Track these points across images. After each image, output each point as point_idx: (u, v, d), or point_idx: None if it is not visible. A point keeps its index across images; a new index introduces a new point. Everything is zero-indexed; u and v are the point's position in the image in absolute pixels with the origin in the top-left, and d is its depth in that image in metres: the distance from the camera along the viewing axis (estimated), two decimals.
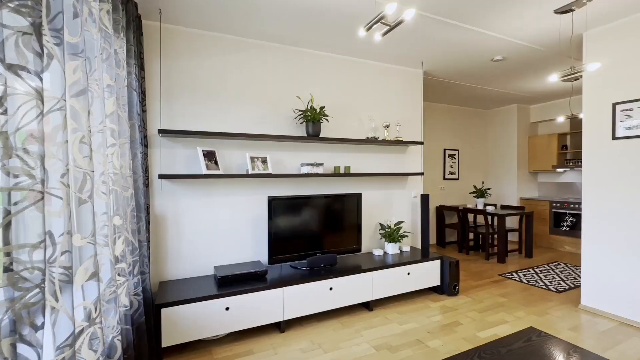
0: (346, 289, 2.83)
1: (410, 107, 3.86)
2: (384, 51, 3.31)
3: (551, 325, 2.69)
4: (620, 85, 2.74)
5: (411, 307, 3.05)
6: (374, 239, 3.63)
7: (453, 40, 3.05)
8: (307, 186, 3.24)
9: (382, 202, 3.67)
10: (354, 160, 3.49)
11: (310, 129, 3.05)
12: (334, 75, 3.37)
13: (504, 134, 6.13)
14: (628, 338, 2.47)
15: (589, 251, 2.97)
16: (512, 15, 2.61)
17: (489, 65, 3.79)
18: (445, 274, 3.33)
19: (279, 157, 3.09)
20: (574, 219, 5.16)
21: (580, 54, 3.44)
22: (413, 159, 3.89)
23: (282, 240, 2.86)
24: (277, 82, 3.08)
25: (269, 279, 2.63)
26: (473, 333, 2.56)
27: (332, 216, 3.12)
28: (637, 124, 2.65)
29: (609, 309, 2.82)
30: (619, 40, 2.73)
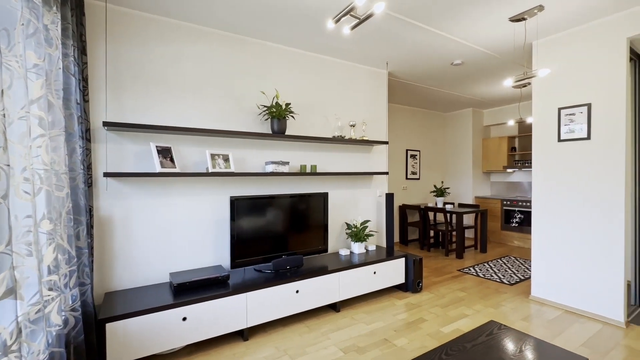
0: (313, 291, 2.75)
1: (375, 107, 3.89)
2: (351, 50, 3.29)
3: (506, 316, 2.83)
4: (565, 92, 2.97)
5: (377, 306, 3.05)
6: (340, 239, 3.59)
7: (417, 41, 3.11)
8: (272, 185, 3.11)
9: (348, 201, 3.65)
10: (320, 159, 3.43)
11: (276, 126, 2.93)
12: (301, 71, 3.28)
13: (460, 136, 6.46)
14: (572, 324, 2.68)
15: (538, 245, 3.18)
16: (472, 20, 2.71)
17: (449, 69, 3.94)
18: (410, 271, 3.39)
19: (242, 155, 2.93)
20: (522, 215, 5.57)
21: (530, 62, 3.70)
22: (378, 159, 3.92)
23: (245, 243, 2.71)
24: (241, 76, 2.92)
25: (231, 284, 2.47)
26: (437, 329, 2.61)
27: (298, 216, 3.03)
28: (579, 127, 2.89)
29: (555, 299, 3.05)
30: (564, 50, 2.96)
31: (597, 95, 2.77)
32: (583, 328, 2.61)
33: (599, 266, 2.76)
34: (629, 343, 2.39)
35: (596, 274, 2.78)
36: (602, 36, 2.72)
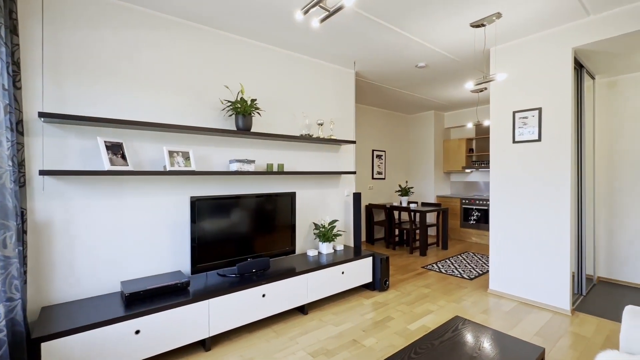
0: (280, 294, 2.66)
1: (343, 107, 3.88)
2: (319, 47, 3.24)
3: (467, 310, 2.95)
4: (519, 96, 3.16)
5: (346, 306, 3.03)
6: (307, 239, 3.52)
7: (384, 42, 3.14)
8: (237, 185, 2.96)
9: (316, 201, 3.59)
10: (287, 158, 3.34)
11: (241, 122, 2.79)
12: (267, 67, 3.17)
13: (423, 137, 6.69)
14: (526, 315, 2.84)
15: (495, 241, 3.36)
16: (437, 23, 2.78)
17: (414, 72, 4.04)
18: (377, 270, 3.41)
19: (204, 153, 2.76)
20: (479, 213, 5.89)
21: (488, 68, 3.90)
22: (346, 158, 3.91)
23: (207, 246, 2.54)
24: (203, 69, 2.74)
25: (192, 291, 2.30)
26: (404, 326, 2.64)
27: (265, 217, 2.91)
28: (531, 130, 3.09)
29: (511, 291, 3.23)
30: (518, 57, 3.15)
31: (546, 100, 2.98)
32: (536, 318, 2.79)
33: (549, 259, 2.97)
34: (575, 329, 2.59)
35: (546, 266, 2.99)
36: (551, 45, 2.93)
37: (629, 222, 3.62)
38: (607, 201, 3.77)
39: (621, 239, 3.67)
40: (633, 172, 3.60)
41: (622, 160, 3.68)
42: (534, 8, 2.56)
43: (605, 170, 3.79)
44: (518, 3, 2.48)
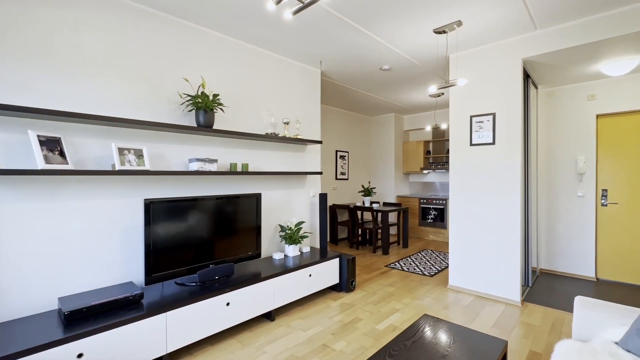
0: (246, 301, 2.51)
1: (308, 106, 3.81)
2: (286, 44, 3.14)
3: (431, 307, 3.05)
4: (476, 102, 3.35)
5: (313, 310, 2.96)
6: (273, 242, 3.40)
7: (351, 42, 3.13)
8: (197, 186, 2.75)
9: (281, 202, 3.48)
10: (252, 157, 3.18)
11: (202, 118, 2.59)
12: (231, 61, 2.99)
13: (384, 139, 6.88)
14: (483, 308, 3.01)
15: (454, 238, 3.52)
16: (403, 27, 2.83)
17: (378, 74, 4.11)
18: (344, 271, 3.40)
19: (160, 151, 2.51)
20: (436, 212, 6.20)
21: (447, 74, 4.10)
22: (312, 158, 3.85)
23: (164, 253, 2.31)
24: (159, 58, 2.49)
25: (146, 304, 2.07)
26: (372, 327, 2.64)
27: (228, 220, 2.74)
28: (487, 134, 3.29)
29: (469, 286, 3.41)
30: (476, 64, 3.33)
31: (500, 106, 3.19)
32: (491, 310, 2.96)
33: (501, 254, 3.18)
34: (525, 319, 2.79)
35: (499, 261, 3.20)
36: (504, 55, 3.14)
37: (563, 217, 4.02)
38: (546, 199, 4.16)
39: (558, 233, 4.07)
40: (566, 173, 4.01)
41: (558, 163, 4.08)
42: (491, 18, 2.71)
43: (545, 172, 4.18)
44: (477, 13, 2.62)
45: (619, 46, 2.81)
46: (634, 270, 3.64)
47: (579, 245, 3.92)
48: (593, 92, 3.81)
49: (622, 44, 2.75)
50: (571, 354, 1.42)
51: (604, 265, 3.82)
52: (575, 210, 3.96)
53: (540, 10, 2.59)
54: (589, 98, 3.85)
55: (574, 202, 3.96)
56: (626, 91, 3.61)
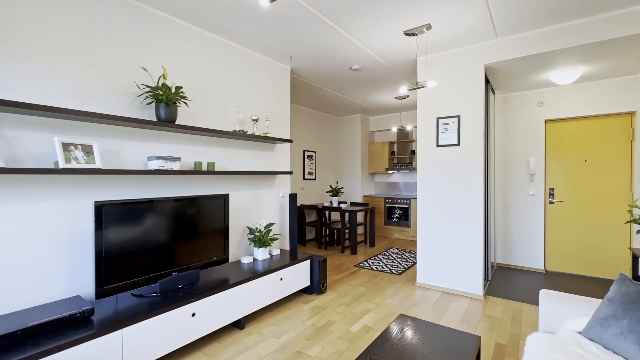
0: (213, 310, 2.33)
1: (278, 103, 3.69)
2: (256, 38, 2.99)
3: (402, 305, 3.08)
4: (442, 104, 3.46)
5: (285, 315, 2.85)
6: (241, 245, 3.23)
7: (322, 39, 3.07)
8: (158, 186, 2.50)
9: (250, 203, 3.32)
10: (218, 156, 2.99)
11: (163, 112, 2.36)
12: (197, 52, 2.78)
13: (350, 139, 6.93)
14: (450, 303, 3.12)
15: (422, 237, 3.62)
16: (374, 27, 2.83)
17: (347, 74, 4.10)
18: (315, 273, 3.33)
19: (114, 147, 2.24)
20: (401, 211, 6.37)
21: (414, 77, 4.20)
22: (281, 158, 3.73)
23: (118, 261, 2.06)
24: (114, 43, 2.22)
25: (98, 321, 1.82)
26: (346, 329, 2.60)
27: (193, 223, 2.53)
28: (452, 135, 3.41)
29: (436, 282, 3.52)
30: (443, 68, 3.45)
31: (464, 109, 3.33)
32: (458, 305, 3.08)
33: (466, 251, 3.32)
34: (488, 312, 2.93)
35: (463, 257, 3.33)
36: (469, 60, 3.28)
37: (517, 214, 4.33)
38: (502, 197, 4.45)
39: (512, 229, 4.37)
40: (519, 173, 4.32)
41: (512, 164, 4.38)
42: (458, 24, 2.81)
43: (501, 172, 4.46)
44: (446, 17, 2.69)
45: (567, 57, 3.06)
46: (576, 262, 4.02)
47: (530, 240, 4.24)
48: (542, 99, 4.15)
49: (569, 55, 3.00)
50: (543, 347, 1.48)
51: (552, 258, 4.17)
52: (526, 208, 4.27)
53: (502, 19, 2.74)
54: (538, 104, 4.18)
55: (526, 200, 4.28)
56: (571, 99, 3.97)
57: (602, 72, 3.52)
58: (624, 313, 1.40)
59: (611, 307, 1.47)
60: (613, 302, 1.48)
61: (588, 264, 3.95)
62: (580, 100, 3.90)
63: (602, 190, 3.86)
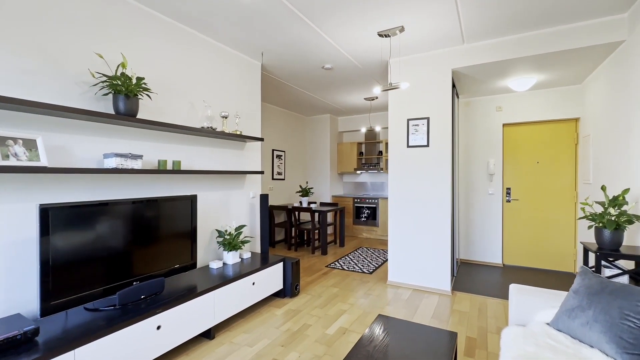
0: (181, 321, 2.15)
1: (248, 100, 3.54)
2: (225, 29, 2.83)
3: (375, 304, 3.10)
4: (412, 106, 3.55)
5: (258, 321, 2.73)
6: (210, 249, 3.04)
7: (295, 35, 2.99)
8: (116, 187, 2.26)
9: (219, 204, 3.14)
10: (185, 154, 2.78)
11: (122, 105, 2.13)
12: (161, 42, 2.55)
13: (319, 139, 6.91)
14: (421, 300, 3.20)
15: (393, 236, 3.68)
16: (348, 26, 2.81)
17: (319, 73, 4.06)
18: (288, 275, 3.23)
19: (64, 142, 1.98)
20: (369, 211, 6.47)
21: (386, 79, 4.26)
22: (252, 157, 3.59)
23: (68, 272, 1.81)
24: (63, 25, 1.96)
25: (44, 342, 1.58)
26: (322, 332, 2.54)
27: (157, 227, 2.32)
28: (422, 137, 3.50)
29: (406, 280, 3.59)
30: (414, 70, 3.53)
31: (433, 111, 3.43)
32: (428, 302, 3.16)
33: (434, 248, 3.43)
34: (456, 307, 3.05)
35: (432, 255, 3.44)
36: (438, 64, 3.39)
37: (478, 213, 4.58)
38: (464, 196, 4.68)
39: (473, 226, 4.62)
40: (480, 173, 4.58)
41: (473, 165, 4.63)
42: (430, 28, 2.89)
43: (464, 172, 4.70)
44: (418, 21, 2.75)
45: (523, 65, 3.28)
46: (530, 256, 4.34)
47: (490, 236, 4.50)
48: (501, 104, 4.43)
49: (525, 63, 3.22)
50: (518, 340, 1.54)
51: (509, 252, 4.47)
52: (487, 206, 4.53)
53: (469, 26, 2.86)
54: (497, 109, 4.46)
55: (486, 199, 4.54)
56: (525, 105, 4.27)
57: (552, 81, 3.84)
58: (589, 304, 1.50)
59: (577, 298, 1.57)
60: (578, 294, 1.58)
61: (539, 258, 4.29)
62: (534, 106, 4.22)
63: (551, 189, 4.21)
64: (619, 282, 1.52)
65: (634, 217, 2.18)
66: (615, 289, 1.47)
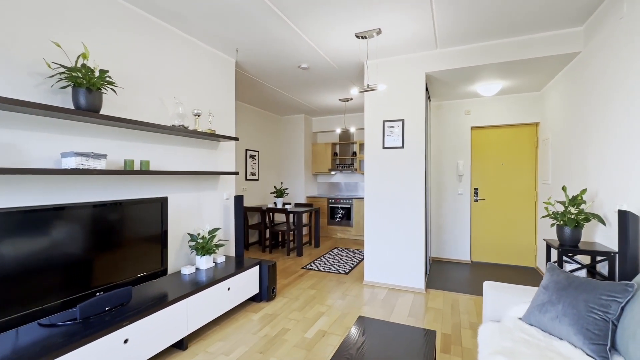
0: (150, 333, 2.01)
1: (222, 98, 3.40)
2: (199, 23, 2.69)
3: (353, 305, 3.10)
4: (388, 108, 3.60)
5: (233, 327, 2.62)
6: (181, 254, 2.88)
7: (272, 32, 2.92)
8: (77, 189, 2.06)
9: (191, 207, 2.99)
10: (154, 153, 2.61)
11: (83, 99, 1.95)
12: (128, 33, 2.37)
13: (294, 139, 6.84)
14: (397, 299, 3.25)
15: (369, 236, 3.71)
16: (327, 25, 2.79)
17: (295, 72, 4.00)
18: (264, 279, 3.15)
19: (12, 139, 1.77)
20: (344, 211, 6.51)
21: (362, 81, 4.29)
22: (226, 157, 3.45)
23: (17, 285, 1.62)
24: (11, 5, 1.75)
25: None
26: (301, 336, 2.50)
27: (123, 232, 2.15)
28: (397, 138, 3.57)
29: (382, 280, 3.64)
30: (389, 73, 3.58)
31: (408, 114, 3.51)
32: (404, 301, 3.22)
33: (409, 247, 3.50)
34: (431, 305, 3.13)
35: (407, 254, 3.51)
36: (413, 67, 3.47)
37: (448, 212, 4.76)
38: (436, 196, 4.85)
39: (444, 225, 4.79)
40: (450, 174, 4.76)
41: (444, 166, 4.81)
42: (406, 32, 2.94)
43: (435, 173, 4.86)
44: (395, 24, 2.79)
45: (490, 72, 3.45)
46: (496, 252, 4.58)
47: (459, 234, 4.70)
48: (469, 108, 4.63)
49: (492, 70, 3.39)
50: (495, 336, 1.60)
51: (476, 250, 4.69)
52: (456, 206, 4.72)
53: (443, 32, 2.95)
54: (466, 113, 4.66)
55: (456, 198, 4.73)
56: (491, 109, 4.50)
57: (515, 87, 4.07)
58: (558, 298, 1.59)
59: (547, 293, 1.66)
60: (548, 289, 1.67)
61: (504, 254, 4.54)
62: (499, 110, 4.46)
63: (514, 189, 4.47)
64: (584, 277, 1.62)
65: (591, 215, 2.36)
66: (581, 284, 1.57)
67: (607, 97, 2.38)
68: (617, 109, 2.23)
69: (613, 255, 2.20)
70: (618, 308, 1.41)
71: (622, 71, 2.17)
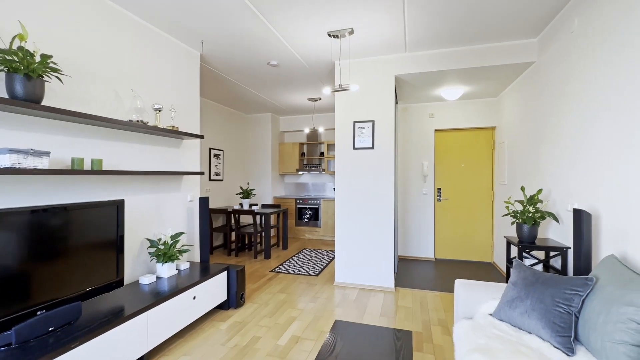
0: (104, 354, 1.79)
1: (186, 93, 3.18)
2: (160, 9, 2.47)
3: (325, 307, 3.06)
4: (358, 109, 3.61)
5: (200, 339, 2.45)
6: (139, 262, 2.63)
7: (240, 25, 2.78)
8: (12, 191, 1.77)
9: (150, 210, 2.74)
10: (108, 151, 2.35)
11: (20, 87, 1.68)
12: (79, 16, 2.10)
13: (260, 139, 6.65)
14: (368, 299, 3.26)
15: (340, 236, 3.69)
16: (299, 21, 2.72)
17: (263, 69, 3.87)
18: (232, 285, 2.99)
19: None
20: (311, 212, 6.45)
21: (332, 80, 4.26)
22: (190, 156, 3.23)
23: None
24: None
25: None
26: (274, 343, 2.39)
27: (70, 241, 1.89)
28: (367, 139, 3.59)
29: (353, 280, 3.64)
30: (360, 73, 3.59)
31: (378, 115, 3.54)
32: (375, 300, 3.24)
33: (378, 247, 3.54)
34: (401, 303, 3.18)
35: (377, 253, 3.55)
36: (383, 69, 3.51)
37: (413, 211, 4.92)
38: (402, 196, 4.98)
39: (409, 224, 4.93)
40: (415, 175, 4.92)
41: (409, 167, 4.95)
42: (377, 33, 2.96)
43: (402, 174, 4.99)
44: (367, 25, 2.79)
45: (453, 77, 3.60)
46: (457, 249, 4.81)
47: (424, 233, 4.87)
48: (433, 111, 4.81)
49: (456, 75, 3.54)
50: (469, 334, 1.64)
51: (440, 247, 4.89)
52: (421, 205, 4.89)
53: (413, 36, 3.01)
54: (430, 116, 4.84)
55: (421, 198, 4.89)
56: (453, 113, 4.72)
57: (475, 93, 4.31)
58: (526, 294, 1.67)
59: (515, 289, 1.74)
60: (516, 286, 1.75)
61: (464, 250, 4.78)
62: (460, 114, 4.69)
63: (473, 189, 4.73)
64: (549, 273, 1.72)
65: (546, 214, 2.54)
66: (547, 279, 1.66)
67: (559, 104, 2.58)
68: (568, 116, 2.42)
69: (565, 250, 2.39)
70: (580, 301, 1.51)
71: (573, 80, 2.35)
